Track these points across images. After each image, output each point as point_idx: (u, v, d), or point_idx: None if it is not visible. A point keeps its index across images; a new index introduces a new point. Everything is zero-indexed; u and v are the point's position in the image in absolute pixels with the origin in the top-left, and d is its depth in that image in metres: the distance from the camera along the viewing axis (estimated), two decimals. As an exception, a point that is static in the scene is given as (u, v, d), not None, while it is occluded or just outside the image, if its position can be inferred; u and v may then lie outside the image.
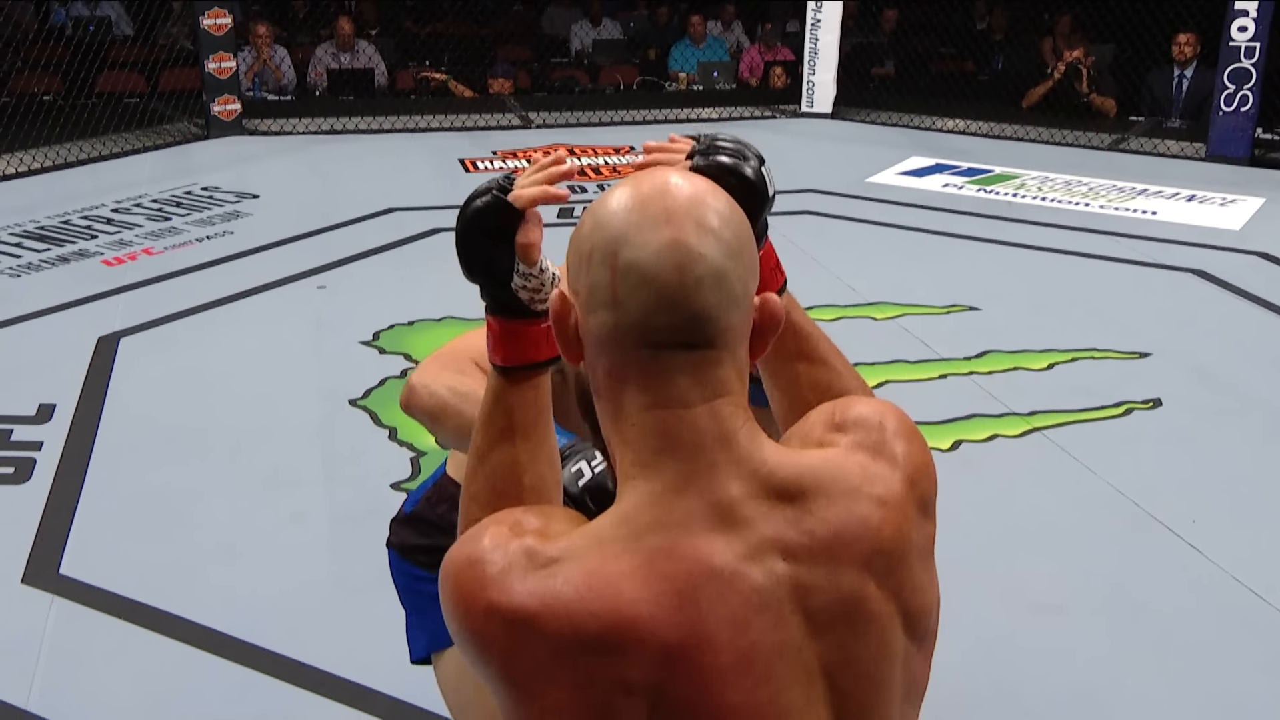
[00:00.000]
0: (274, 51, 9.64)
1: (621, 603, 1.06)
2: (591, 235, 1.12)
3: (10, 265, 6.15)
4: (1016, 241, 6.80)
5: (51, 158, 8.14)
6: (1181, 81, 9.17)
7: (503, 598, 1.07)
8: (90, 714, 2.92)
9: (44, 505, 3.86)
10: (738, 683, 1.08)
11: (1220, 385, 4.95)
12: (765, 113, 10.25)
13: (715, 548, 1.08)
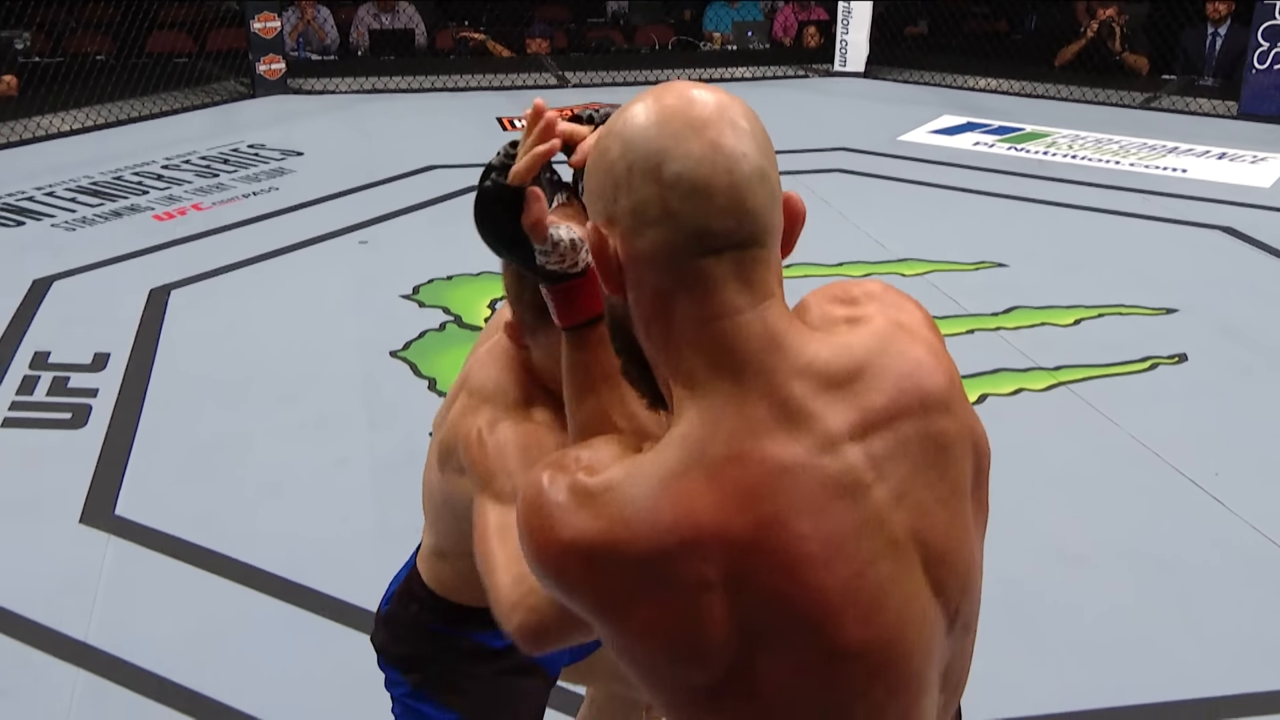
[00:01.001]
0: (317, 12, 9.64)
1: (689, 510, 1.06)
2: (626, 156, 1.10)
3: (66, 220, 6.22)
4: (1046, 199, 6.77)
5: (104, 115, 8.20)
6: (1215, 40, 9.07)
7: (571, 533, 1.09)
8: (145, 647, 2.98)
9: (100, 449, 3.94)
10: (821, 566, 1.09)
11: (1246, 341, 4.93)
12: (798, 72, 10.19)
13: (785, 447, 1.09)
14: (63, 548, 3.42)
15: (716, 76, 9.91)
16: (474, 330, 4.90)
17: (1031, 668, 2.93)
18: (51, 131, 7.89)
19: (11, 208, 6.39)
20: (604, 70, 9.87)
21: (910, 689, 1.18)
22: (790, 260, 3.63)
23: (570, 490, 1.10)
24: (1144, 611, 3.20)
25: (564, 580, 1.12)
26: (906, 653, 1.16)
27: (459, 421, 1.67)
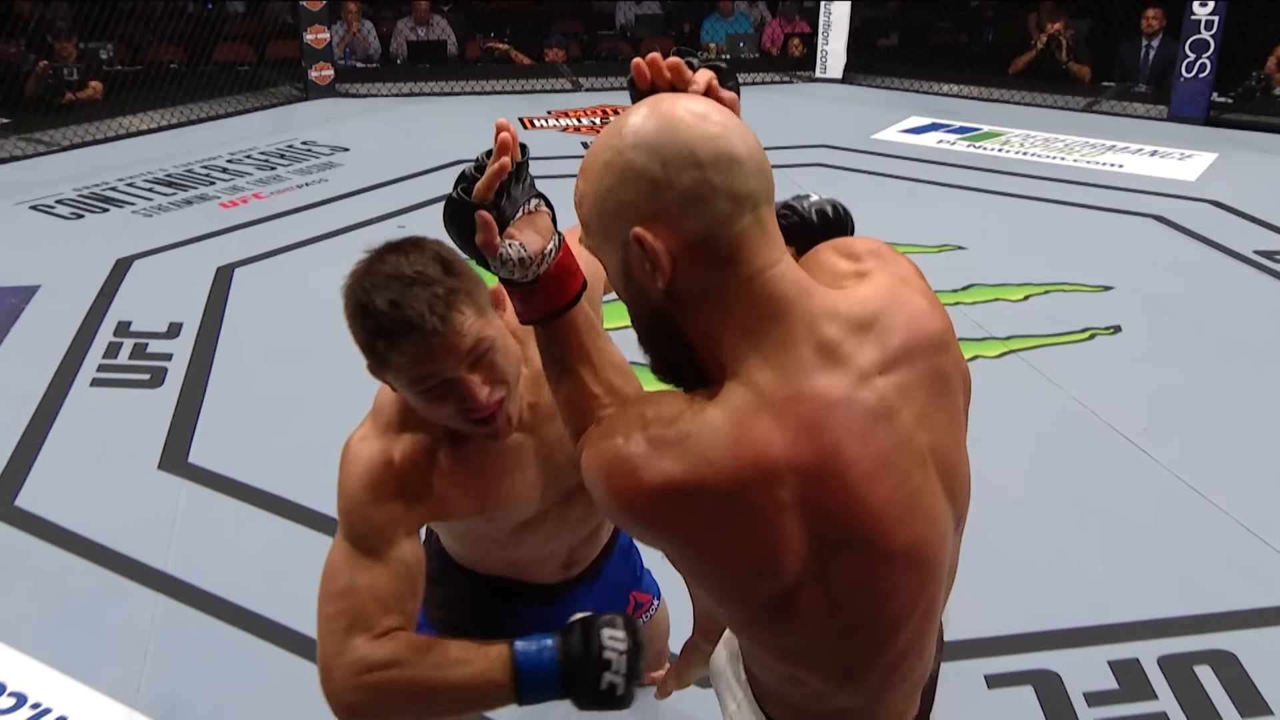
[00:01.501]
0: (362, 25, 9.62)
1: (764, 445, 1.09)
2: (657, 156, 1.10)
3: (144, 207, 6.24)
4: (1000, 190, 6.76)
5: (177, 116, 8.21)
6: (1148, 51, 9.04)
7: (661, 478, 1.09)
8: (216, 577, 3.02)
9: (175, 405, 3.98)
10: (874, 483, 1.14)
11: (1173, 315, 4.94)
12: (784, 78, 10.15)
13: (831, 383, 1.12)
14: (144, 491, 3.46)
15: (713, 81, 9.87)
16: (499, 303, 4.93)
17: (978, 595, 2.95)
18: (131, 130, 7.90)
19: (98, 196, 6.41)
20: (613, 76, 9.84)
21: (934, 580, 1.25)
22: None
23: (650, 443, 1.11)
24: (1077, 548, 3.23)
25: (656, 521, 1.13)
26: (933, 550, 1.22)
27: (346, 439, 1.61)
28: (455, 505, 1.59)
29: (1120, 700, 2.67)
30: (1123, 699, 2.67)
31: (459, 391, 1.45)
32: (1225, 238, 5.93)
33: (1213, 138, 8.02)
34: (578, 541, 1.85)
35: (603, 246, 1.18)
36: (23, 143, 7.41)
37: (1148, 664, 2.78)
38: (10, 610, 2.89)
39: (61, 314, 4.73)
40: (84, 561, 3.11)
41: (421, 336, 1.41)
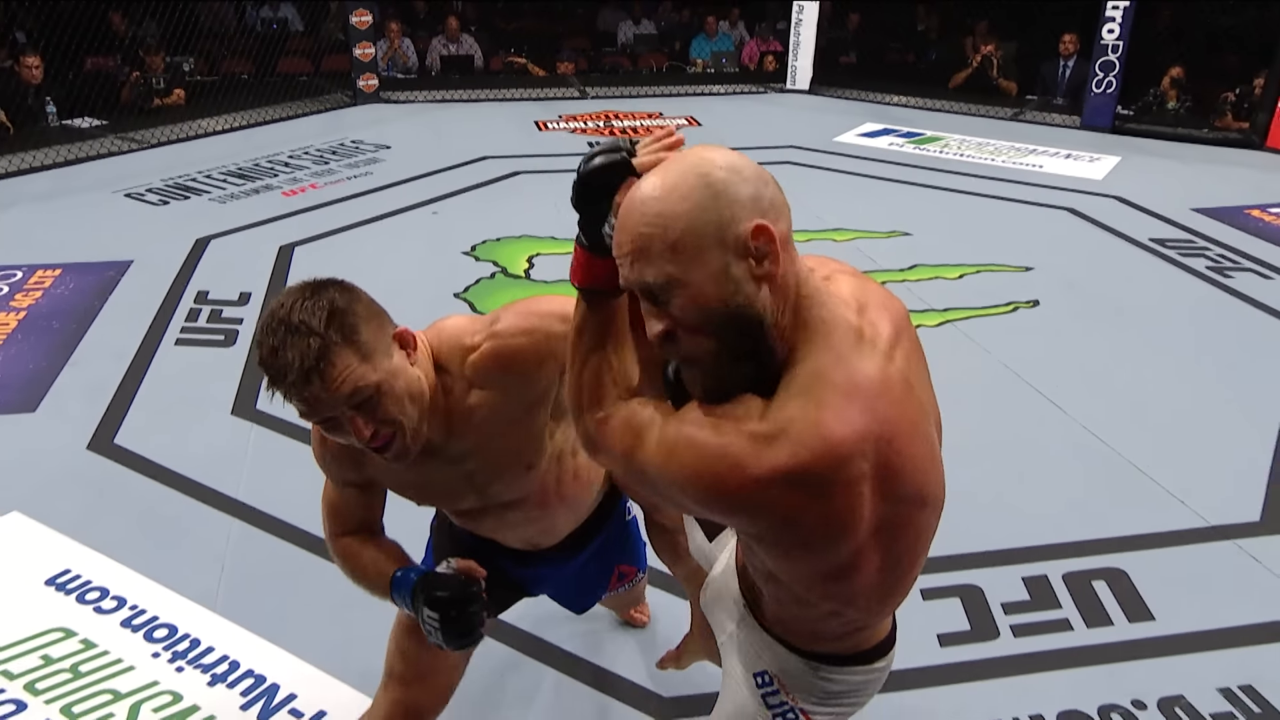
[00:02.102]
0: (402, 42, 9.52)
1: (847, 425, 1.09)
2: (743, 175, 1.09)
3: (218, 195, 6.20)
4: (941, 186, 6.73)
5: (246, 119, 8.14)
6: (1065, 70, 8.98)
7: (765, 469, 1.07)
8: (280, 504, 3.04)
9: (245, 361, 3.97)
10: (916, 443, 1.18)
11: (1082, 291, 4.94)
12: (759, 89, 10.06)
13: (872, 362, 1.15)
14: (220, 432, 3.48)
15: (700, 92, 9.80)
16: (515, 278, 4.91)
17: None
18: (208, 131, 7.83)
19: (181, 186, 6.37)
20: (615, 86, 9.78)
21: (939, 513, 1.29)
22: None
23: (750, 438, 1.08)
24: (1000, 484, 3.24)
25: (760, 507, 1.11)
26: (941, 489, 1.27)
27: None
28: (386, 481, 1.68)
29: (1031, 609, 2.70)
30: (1033, 608, 2.70)
31: (341, 429, 1.43)
32: (1126, 227, 5.92)
33: (1117, 144, 7.98)
34: (534, 532, 1.80)
35: (692, 264, 1.08)
36: (119, 141, 7.37)
37: (1054, 579, 2.81)
38: (112, 530, 2.91)
39: (150, 284, 4.73)
40: (172, 490, 3.13)
41: (294, 385, 1.36)
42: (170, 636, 2.51)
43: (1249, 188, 6.78)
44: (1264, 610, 2.70)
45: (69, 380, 3.82)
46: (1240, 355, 4.28)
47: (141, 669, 2.40)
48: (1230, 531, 3.03)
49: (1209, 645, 2.57)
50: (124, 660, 2.43)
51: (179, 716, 2.27)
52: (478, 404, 1.54)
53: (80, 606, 2.60)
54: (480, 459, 1.61)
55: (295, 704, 2.31)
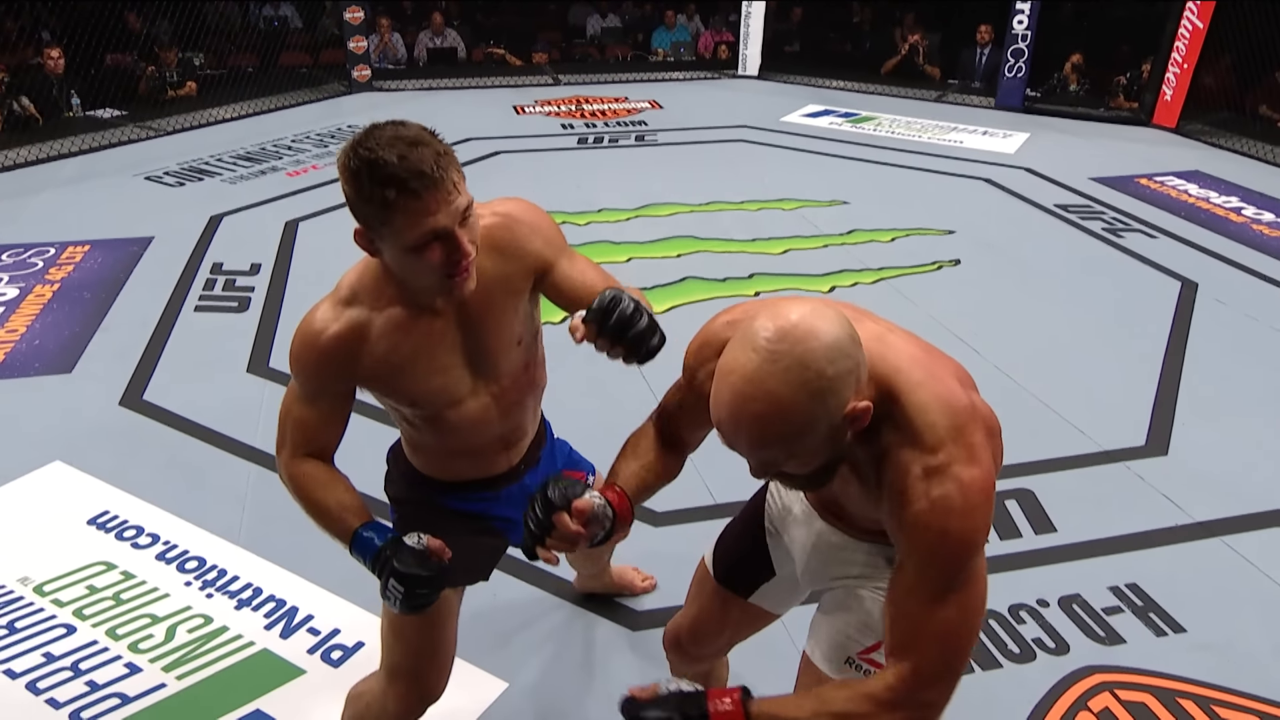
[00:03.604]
0: (392, 36, 9.31)
1: (995, 456, 1.19)
2: (844, 364, 1.07)
3: (229, 176, 6.07)
4: (875, 160, 6.71)
5: (253, 107, 7.94)
6: (981, 57, 8.95)
7: (983, 528, 1.12)
8: (292, 449, 3.02)
9: (257, 324, 3.93)
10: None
11: (997, 251, 4.97)
12: (714, 75, 9.94)
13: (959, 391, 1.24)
14: (237, 387, 3.44)
15: (661, 78, 9.67)
16: (501, 247, 4.87)
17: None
18: (219, 119, 7.62)
19: (196, 169, 6.22)
20: (585, 74, 9.61)
21: None
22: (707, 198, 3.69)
23: (982, 492, 1.12)
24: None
25: (984, 534, 1.13)
26: None
27: None
28: (384, 379, 1.43)
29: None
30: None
31: (449, 244, 1.29)
32: (1034, 195, 5.95)
33: (1026, 122, 7.99)
34: (509, 428, 1.61)
35: (801, 444, 1.08)
36: (137, 129, 7.17)
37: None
38: (144, 475, 2.88)
39: (170, 258, 4.63)
40: (195, 440, 3.09)
41: (430, 183, 1.24)
42: (200, 567, 2.50)
43: (1138, 159, 6.83)
44: (1147, 521, 2.76)
45: (101, 344, 3.76)
46: (1129, 304, 4.34)
47: (176, 596, 2.39)
48: (1120, 455, 3.08)
49: (1102, 551, 2.63)
50: (160, 589, 2.42)
51: (210, 635, 2.27)
52: (484, 269, 1.42)
53: (119, 543, 2.58)
54: (482, 329, 1.47)
55: (313, 623, 2.32)
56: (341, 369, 1.42)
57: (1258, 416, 3.37)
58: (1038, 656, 2.27)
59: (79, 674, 2.14)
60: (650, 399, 3.30)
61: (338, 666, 2.19)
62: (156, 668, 2.16)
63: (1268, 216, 5.63)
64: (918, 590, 1.11)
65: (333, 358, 1.41)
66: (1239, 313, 4.25)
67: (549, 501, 1.25)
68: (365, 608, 2.35)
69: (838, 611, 1.40)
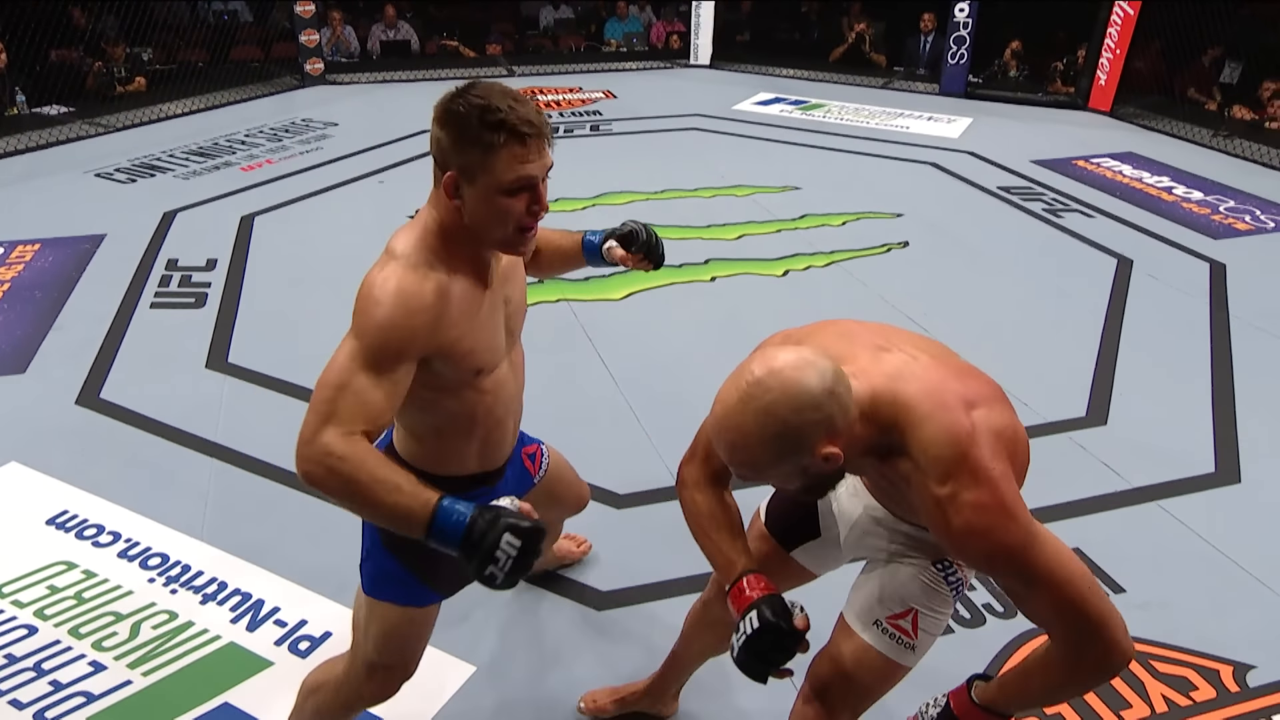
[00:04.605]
0: (344, 29, 9.14)
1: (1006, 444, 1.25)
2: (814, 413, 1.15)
3: (182, 172, 5.93)
4: (825, 146, 6.76)
5: (204, 102, 7.76)
6: (925, 44, 9.05)
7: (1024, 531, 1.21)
8: (254, 444, 2.97)
9: (215, 320, 3.85)
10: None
11: (943, 233, 5.04)
12: (667, 65, 9.93)
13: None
14: (197, 383, 3.37)
15: (614, 68, 9.63)
16: (458, 238, 4.82)
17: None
18: (170, 114, 7.44)
19: (147, 165, 6.07)
20: (539, 64, 9.55)
21: None
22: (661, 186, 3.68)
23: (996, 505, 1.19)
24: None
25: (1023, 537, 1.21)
26: None
27: (366, 277, 1.37)
28: (453, 343, 1.39)
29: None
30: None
31: (534, 194, 1.35)
32: (978, 177, 6.04)
33: (969, 107, 8.10)
34: (515, 408, 1.63)
35: (776, 473, 1.21)
36: (86, 125, 6.97)
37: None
38: (103, 473, 2.82)
39: (124, 255, 4.52)
40: (155, 437, 3.03)
41: (535, 133, 1.31)
42: (163, 563, 2.45)
43: (1076, 142, 6.96)
44: (1089, 488, 2.83)
45: (55, 344, 3.66)
46: (1069, 281, 4.43)
47: (139, 593, 2.34)
48: (1062, 426, 3.15)
49: (1046, 518, 2.69)
50: (123, 586, 2.37)
51: (175, 631, 2.23)
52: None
53: (79, 542, 2.52)
54: (512, 306, 1.53)
55: (279, 615, 2.29)
56: (431, 333, 1.36)
57: (1190, 386, 3.47)
58: (988, 621, 2.31)
59: (42, 674, 2.09)
60: (599, 376, 3.30)
61: (305, 657, 2.16)
62: (121, 665, 2.12)
63: (1197, 195, 5.78)
64: (1013, 591, 1.24)
65: (426, 321, 1.34)
66: (1171, 287, 4.36)
67: (794, 632, 1.31)
68: (332, 598, 2.33)
69: (875, 578, 1.50)
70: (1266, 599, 2.41)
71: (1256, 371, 3.58)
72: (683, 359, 3.56)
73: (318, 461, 1.28)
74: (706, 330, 3.80)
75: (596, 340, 3.66)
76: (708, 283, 4.26)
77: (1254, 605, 2.39)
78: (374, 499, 1.27)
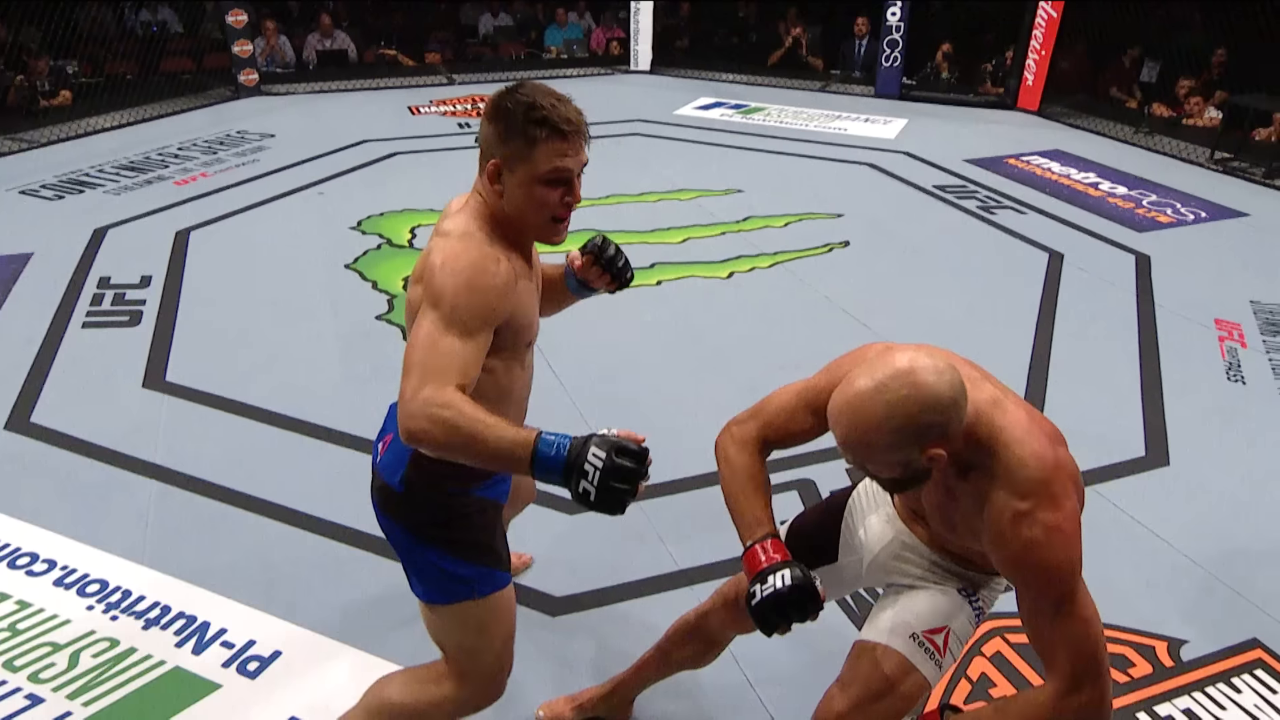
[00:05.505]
0: (279, 39, 8.96)
1: (1079, 487, 1.35)
2: (938, 415, 1.25)
3: (113, 187, 5.75)
4: (765, 149, 6.83)
5: (134, 116, 7.54)
6: (860, 48, 9.20)
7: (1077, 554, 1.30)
8: (196, 464, 2.90)
9: (151, 338, 3.73)
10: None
11: (883, 231, 5.12)
12: (607, 71, 9.94)
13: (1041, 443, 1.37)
14: (134, 403, 3.27)
15: (555, 75, 9.61)
16: (400, 248, 4.75)
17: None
18: (98, 128, 7.21)
19: (75, 181, 5.87)
20: (479, 72, 9.49)
21: None
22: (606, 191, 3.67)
23: (1066, 530, 1.28)
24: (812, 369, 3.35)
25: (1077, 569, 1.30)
26: None
27: (430, 253, 1.45)
28: (516, 313, 1.49)
29: (850, 494, 2.82)
30: (852, 493, 2.83)
31: (569, 186, 1.47)
32: (914, 177, 6.16)
33: (904, 109, 8.26)
34: (527, 393, 1.69)
35: (884, 462, 1.30)
36: (9, 141, 6.73)
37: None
38: (37, 500, 2.72)
39: (53, 274, 4.36)
40: (90, 460, 2.93)
41: (574, 130, 1.44)
42: (102, 590, 2.37)
43: (1006, 141, 7.14)
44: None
45: (-20, 367, 3.52)
46: (1003, 274, 4.54)
47: (77, 621, 2.27)
48: (1002, 418, 3.22)
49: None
50: (60, 615, 2.29)
51: (117, 659, 2.16)
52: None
53: (12, 572, 2.43)
54: (535, 275, 1.65)
55: (226, 636, 2.23)
56: (503, 300, 1.45)
57: (1119, 373, 3.58)
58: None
59: (-24, 710, 2.01)
60: (547, 381, 3.29)
61: (255, 678, 2.12)
62: (60, 696, 2.05)
63: (1121, 190, 5.97)
64: (1040, 613, 1.31)
65: (500, 288, 1.44)
66: (1100, 279, 4.50)
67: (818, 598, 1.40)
68: (281, 616, 2.28)
69: (904, 598, 1.59)
70: (1197, 576, 2.50)
71: (1181, 358, 3.72)
72: (630, 362, 3.57)
73: (421, 414, 1.31)
74: (654, 334, 3.81)
75: (543, 344, 3.64)
76: (654, 286, 4.28)
77: (1185, 582, 2.47)
78: (480, 437, 1.30)
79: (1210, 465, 3.00)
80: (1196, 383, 3.53)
